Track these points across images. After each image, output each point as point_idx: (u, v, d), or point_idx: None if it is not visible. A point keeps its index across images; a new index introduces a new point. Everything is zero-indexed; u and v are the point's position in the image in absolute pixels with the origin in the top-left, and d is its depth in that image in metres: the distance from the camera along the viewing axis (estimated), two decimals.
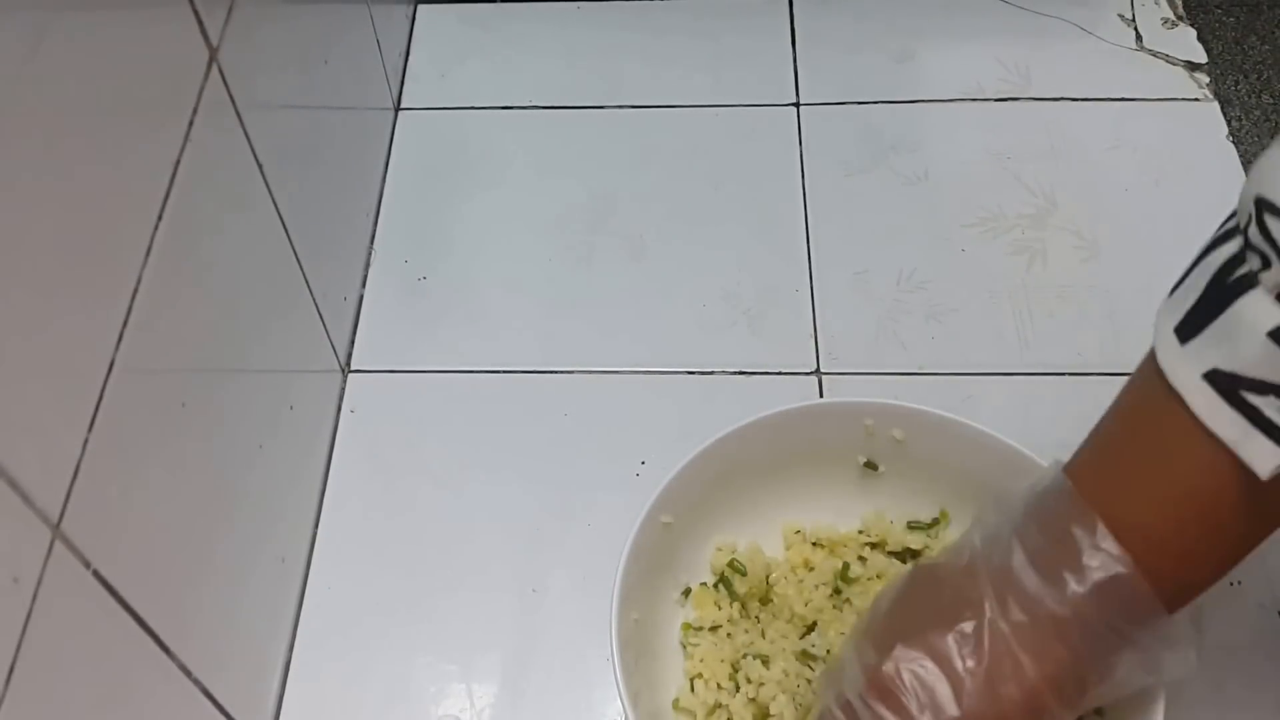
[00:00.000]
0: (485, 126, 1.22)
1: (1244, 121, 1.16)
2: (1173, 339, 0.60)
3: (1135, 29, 1.26)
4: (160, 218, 0.65)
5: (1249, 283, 0.57)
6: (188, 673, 0.70)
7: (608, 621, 0.77)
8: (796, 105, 1.22)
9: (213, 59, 0.73)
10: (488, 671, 0.90)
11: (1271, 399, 0.56)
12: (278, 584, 0.90)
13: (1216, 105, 1.19)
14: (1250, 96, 1.18)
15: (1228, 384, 0.57)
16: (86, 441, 0.58)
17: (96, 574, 0.59)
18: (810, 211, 1.13)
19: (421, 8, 1.33)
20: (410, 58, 1.28)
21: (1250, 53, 1.23)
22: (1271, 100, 1.17)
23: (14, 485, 0.51)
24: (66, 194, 0.57)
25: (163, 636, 0.66)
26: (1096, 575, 0.64)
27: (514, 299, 1.09)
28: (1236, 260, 0.58)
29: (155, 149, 0.66)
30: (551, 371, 1.04)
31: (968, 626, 0.68)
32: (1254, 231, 0.56)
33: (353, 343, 1.06)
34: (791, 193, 1.15)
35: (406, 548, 0.95)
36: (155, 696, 0.68)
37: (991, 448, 0.85)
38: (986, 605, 0.67)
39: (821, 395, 1.01)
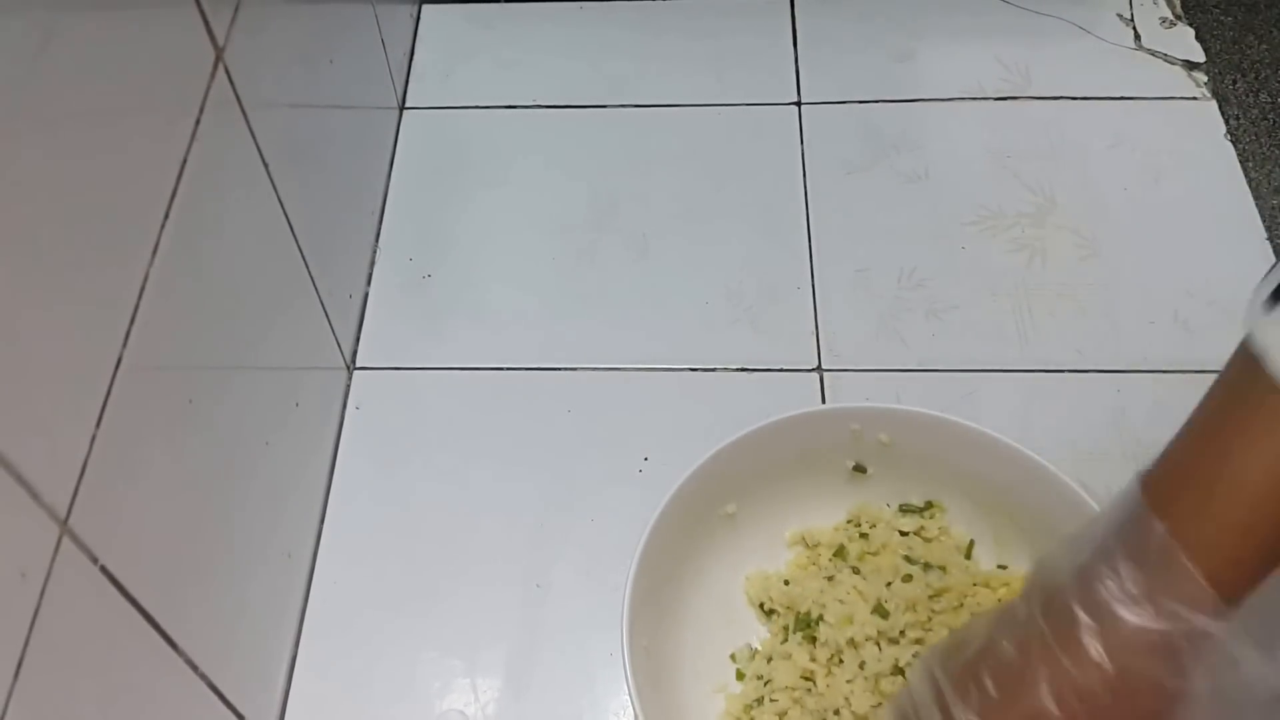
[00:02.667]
0: (489, 125, 1.23)
1: (1242, 120, 1.17)
2: None
3: (1134, 28, 1.26)
4: (167, 216, 0.66)
5: None
6: (194, 667, 0.71)
7: (618, 619, 0.78)
8: (798, 104, 1.22)
9: (219, 58, 0.73)
10: (492, 666, 0.90)
11: None
12: (284, 579, 0.90)
13: (1214, 104, 1.20)
14: (1248, 95, 1.19)
15: None
16: (94, 438, 0.58)
17: (104, 569, 0.59)
18: (812, 209, 1.14)
19: (426, 7, 1.33)
20: (415, 57, 1.29)
21: (1248, 52, 1.23)
22: (1269, 99, 1.18)
23: (22, 481, 0.52)
24: (73, 192, 0.57)
25: (169, 631, 0.67)
26: (1190, 617, 0.60)
27: (518, 296, 1.09)
28: None
29: (162, 148, 0.67)
30: (555, 368, 1.05)
31: (1068, 661, 0.62)
32: None
33: (358, 340, 1.07)
34: (793, 191, 1.15)
35: (411, 543, 0.96)
36: (162, 691, 0.68)
37: (977, 442, 0.86)
38: (1084, 637, 0.62)
39: (823, 391, 1.02)
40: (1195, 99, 1.21)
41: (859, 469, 0.90)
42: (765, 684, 0.84)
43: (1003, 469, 0.85)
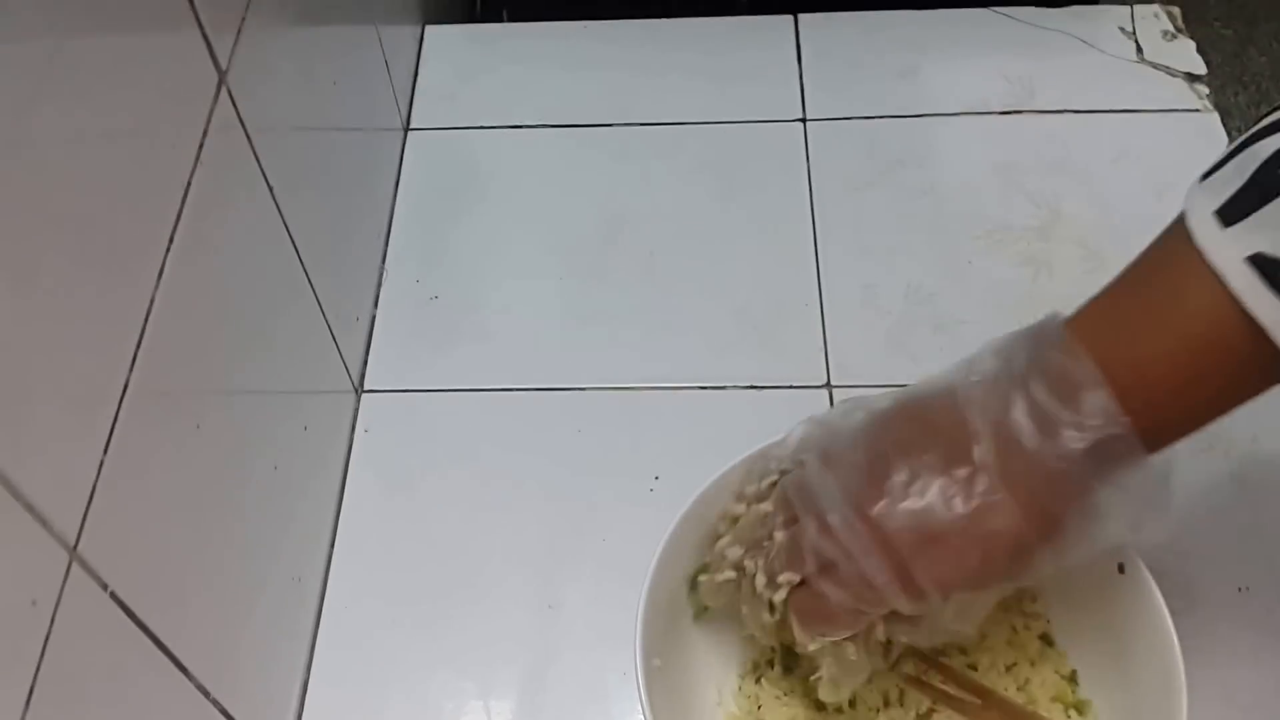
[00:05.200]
0: (494, 146, 1.23)
1: (1243, 132, 1.17)
2: (1213, 221, 0.63)
3: (1136, 42, 1.26)
4: (171, 240, 0.66)
5: None
6: (206, 693, 0.71)
7: (631, 640, 0.77)
8: (803, 121, 1.22)
9: (222, 82, 0.73)
10: (505, 688, 0.90)
11: None
12: (294, 604, 0.90)
13: (1216, 116, 1.20)
14: (1250, 107, 1.19)
15: (1274, 269, 0.60)
16: (102, 464, 0.58)
17: (114, 596, 0.59)
18: (818, 226, 1.14)
19: (429, 28, 1.34)
20: (419, 78, 1.29)
21: (1249, 64, 1.23)
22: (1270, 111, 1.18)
23: (31, 509, 0.52)
24: (78, 218, 0.57)
25: (180, 657, 0.67)
26: (1095, 435, 0.66)
27: (526, 317, 1.09)
28: None
29: (166, 172, 0.67)
30: (564, 389, 1.04)
31: (961, 471, 0.68)
32: None
33: (365, 363, 1.07)
34: (800, 208, 1.15)
35: (422, 566, 0.96)
36: (173, 717, 0.68)
37: None
38: (976, 451, 0.68)
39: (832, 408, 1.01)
40: (1197, 111, 1.21)
41: None
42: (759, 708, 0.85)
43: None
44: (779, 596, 0.74)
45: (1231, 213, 0.62)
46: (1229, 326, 0.62)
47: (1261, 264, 0.60)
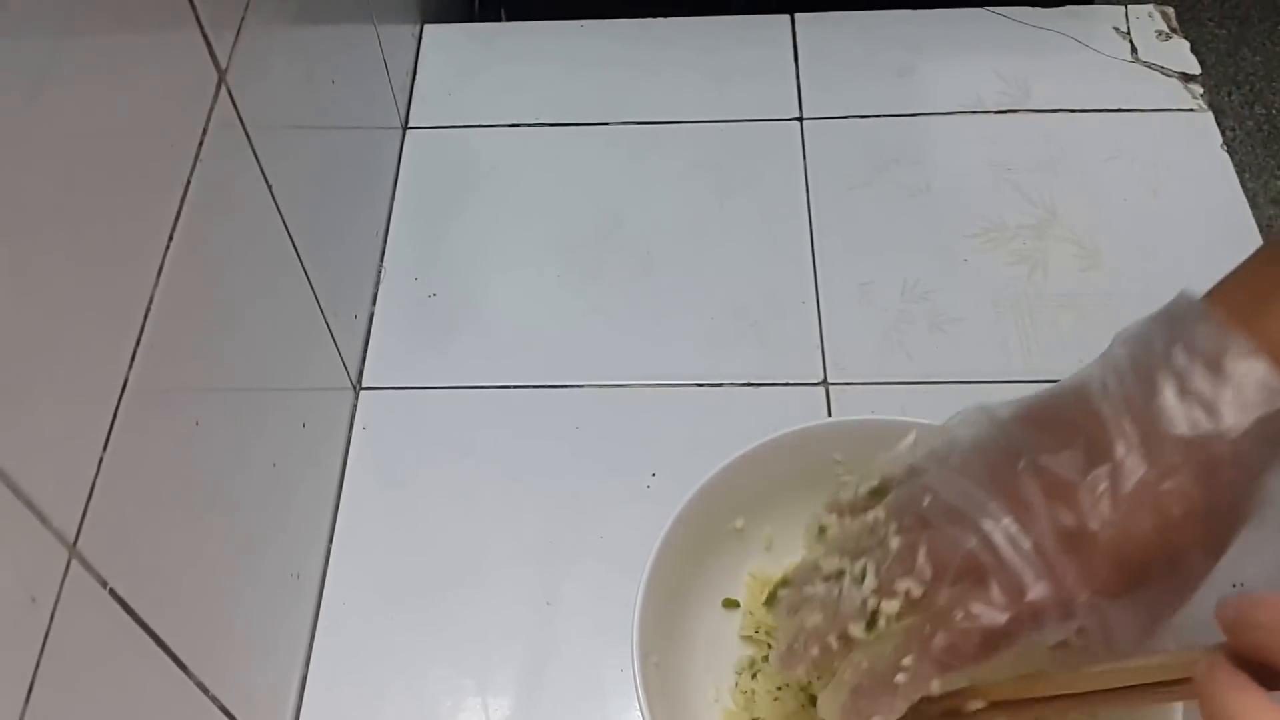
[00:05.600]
0: (492, 144, 1.23)
1: (1238, 131, 1.17)
2: None
3: (1130, 41, 1.27)
4: (171, 238, 0.66)
5: None
6: (205, 690, 0.71)
7: (628, 636, 0.78)
8: (800, 120, 1.23)
9: (221, 81, 0.74)
10: (503, 685, 0.90)
11: None
12: (293, 600, 0.90)
13: (1210, 115, 1.20)
14: (1243, 107, 1.19)
15: None
16: (101, 461, 0.58)
17: (113, 593, 0.59)
18: (815, 224, 1.14)
19: (428, 27, 1.34)
20: (417, 77, 1.29)
21: (1242, 64, 1.24)
22: (1264, 111, 1.18)
23: (30, 505, 0.52)
24: (77, 215, 0.57)
25: (179, 654, 0.67)
26: (1259, 410, 0.59)
27: (523, 314, 1.09)
28: None
29: (165, 170, 0.67)
30: (561, 386, 1.05)
31: (1103, 470, 0.61)
32: None
33: (364, 360, 1.07)
34: (796, 206, 1.15)
35: (420, 562, 0.96)
36: (173, 714, 0.68)
37: None
38: (1120, 446, 0.61)
39: (829, 404, 1.02)
40: (1192, 110, 1.21)
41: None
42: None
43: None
44: (892, 607, 0.65)
45: None
46: None
47: None
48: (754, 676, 0.86)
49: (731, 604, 0.88)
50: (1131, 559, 0.61)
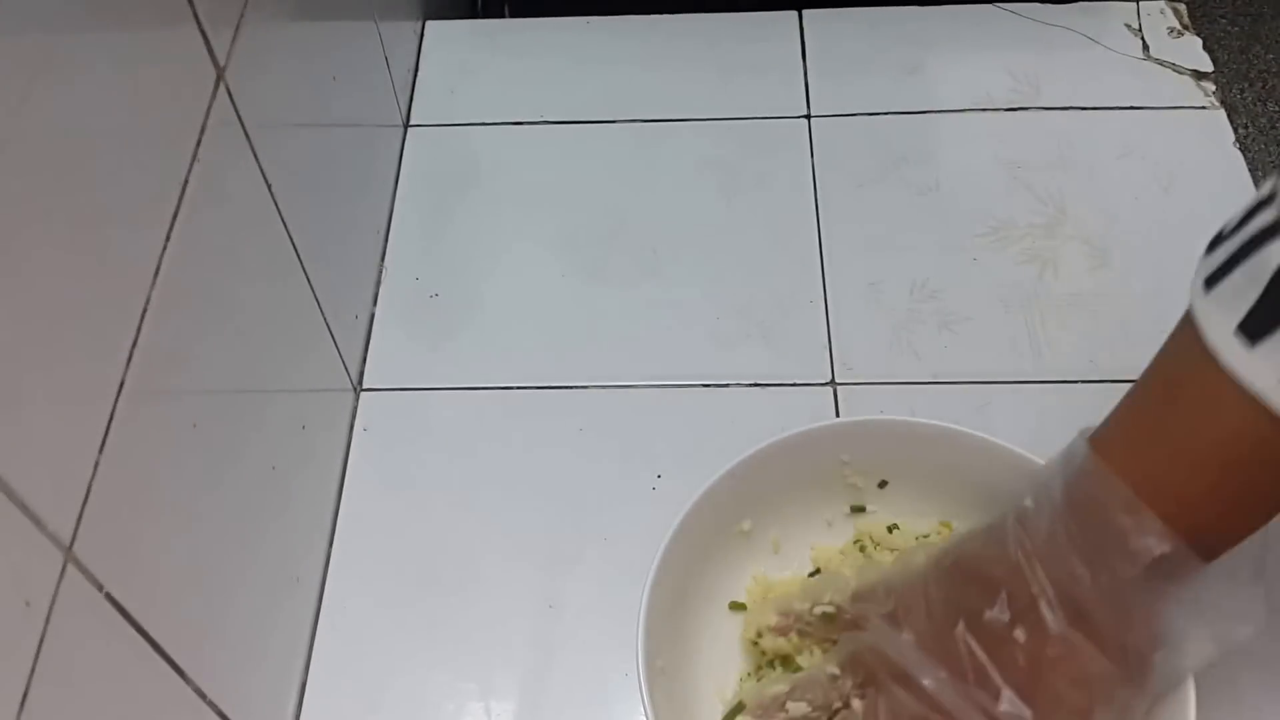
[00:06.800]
0: (495, 142, 1.22)
1: (1250, 129, 1.17)
2: (1238, 341, 0.61)
3: (1142, 38, 1.26)
4: (168, 238, 0.65)
5: None
6: (202, 695, 0.70)
7: (632, 639, 0.77)
8: (808, 117, 1.22)
9: (220, 78, 0.73)
10: (506, 689, 0.90)
11: None
12: (292, 604, 0.90)
13: (1223, 113, 1.20)
14: (1256, 104, 1.18)
15: None
16: (97, 464, 0.58)
17: (109, 597, 0.59)
18: (823, 223, 1.13)
19: (430, 23, 1.33)
20: (419, 74, 1.29)
21: (1255, 61, 1.23)
22: (1277, 108, 1.18)
23: (25, 509, 0.51)
24: (74, 214, 0.57)
25: (177, 659, 0.66)
26: (1145, 557, 0.65)
27: (526, 314, 1.09)
28: None
29: (163, 169, 0.66)
30: (565, 386, 1.04)
31: (1031, 624, 0.69)
32: None
33: (364, 361, 1.06)
34: (804, 205, 1.15)
35: (422, 565, 0.95)
36: (170, 719, 0.68)
37: (991, 454, 0.86)
38: (1042, 604, 0.68)
39: (837, 405, 1.01)
40: (1204, 108, 1.20)
41: (882, 484, 0.90)
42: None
43: (1017, 482, 0.84)
44: None
45: (1255, 328, 0.60)
46: (1276, 444, 0.61)
47: None
48: (759, 681, 0.85)
49: (738, 607, 0.87)
50: (1069, 696, 0.69)
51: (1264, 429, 0.61)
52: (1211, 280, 0.64)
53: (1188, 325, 0.65)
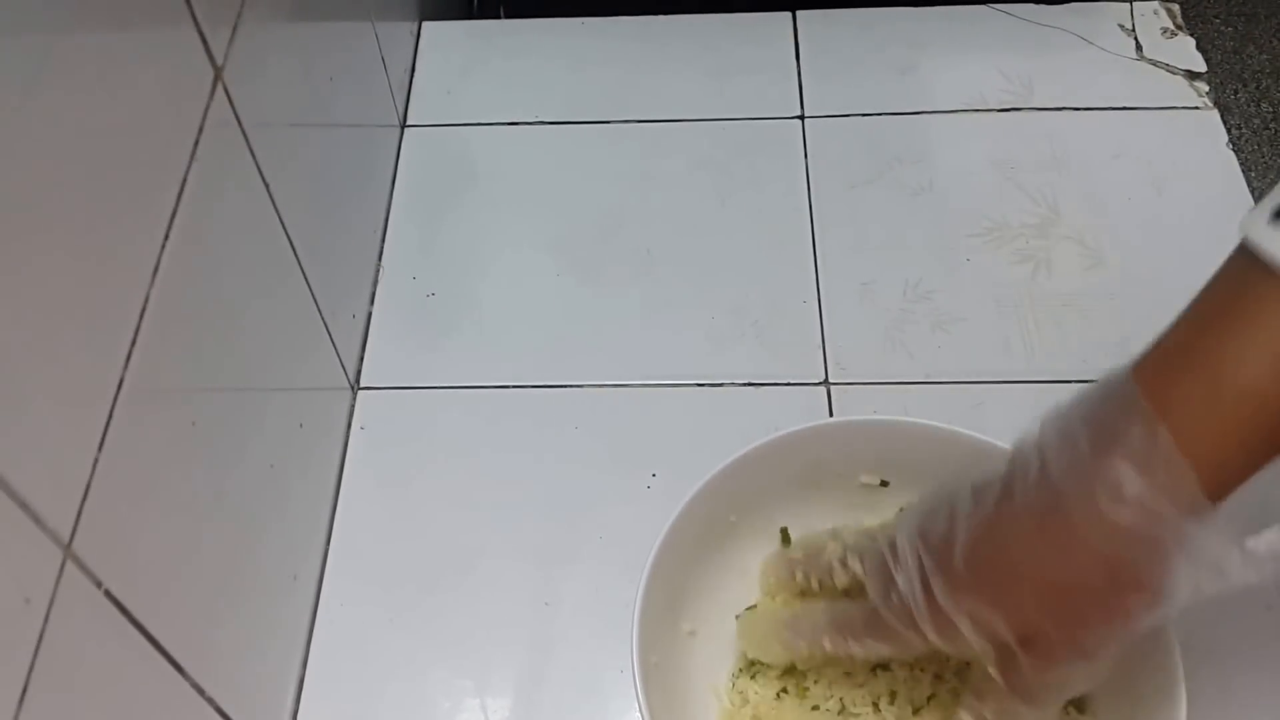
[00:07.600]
0: (491, 142, 1.22)
1: (1244, 130, 1.17)
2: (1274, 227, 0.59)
3: (1135, 39, 1.26)
4: (167, 237, 0.66)
5: None
6: (201, 692, 0.70)
7: (628, 637, 0.77)
8: (801, 118, 1.22)
9: (218, 78, 0.73)
10: (502, 686, 0.90)
11: None
12: (290, 602, 0.90)
13: (1216, 113, 1.20)
14: (1249, 105, 1.19)
15: None
16: (96, 461, 0.58)
17: (108, 594, 0.59)
18: (816, 223, 1.13)
19: (426, 24, 1.33)
20: (416, 74, 1.29)
21: (1248, 62, 1.23)
22: (1270, 109, 1.18)
23: (24, 506, 0.51)
24: (73, 214, 0.57)
25: (175, 656, 0.67)
26: (1169, 527, 0.62)
27: (522, 314, 1.09)
28: None
29: (161, 168, 0.66)
30: (561, 385, 1.04)
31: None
32: None
33: (362, 360, 1.06)
34: (797, 205, 1.15)
35: (418, 563, 0.96)
36: (168, 716, 0.68)
37: (986, 455, 0.85)
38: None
39: (830, 404, 1.01)
40: (1197, 108, 1.21)
41: (883, 484, 0.90)
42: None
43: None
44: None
45: None
46: None
47: None
48: (753, 678, 0.85)
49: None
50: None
51: None
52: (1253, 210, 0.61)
53: (1241, 254, 0.62)
